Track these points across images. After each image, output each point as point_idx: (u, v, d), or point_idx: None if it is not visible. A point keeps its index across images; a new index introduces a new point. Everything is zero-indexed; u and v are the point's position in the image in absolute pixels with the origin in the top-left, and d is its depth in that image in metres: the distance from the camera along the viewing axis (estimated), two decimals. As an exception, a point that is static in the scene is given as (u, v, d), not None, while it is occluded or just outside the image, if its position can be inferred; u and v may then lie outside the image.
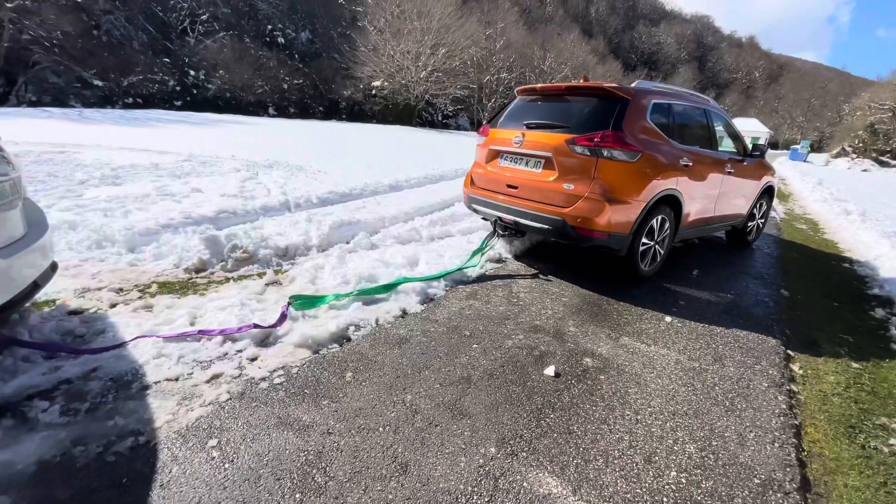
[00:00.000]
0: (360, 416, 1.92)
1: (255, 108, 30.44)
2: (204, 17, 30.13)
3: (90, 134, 11.79)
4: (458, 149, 17.32)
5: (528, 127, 3.92)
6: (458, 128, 42.46)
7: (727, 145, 5.15)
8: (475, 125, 42.44)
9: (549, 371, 2.39)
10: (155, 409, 1.83)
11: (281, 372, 2.16)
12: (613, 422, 2.05)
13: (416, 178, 8.76)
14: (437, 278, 3.51)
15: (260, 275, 3.41)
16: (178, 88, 27.46)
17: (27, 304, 2.48)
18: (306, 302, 2.78)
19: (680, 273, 4.46)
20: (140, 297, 2.93)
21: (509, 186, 3.95)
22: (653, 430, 2.02)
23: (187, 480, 1.53)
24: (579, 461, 1.79)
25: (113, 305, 2.79)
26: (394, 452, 1.73)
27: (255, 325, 2.41)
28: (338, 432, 1.82)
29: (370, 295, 3.04)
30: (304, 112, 33.56)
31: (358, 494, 1.53)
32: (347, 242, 4.33)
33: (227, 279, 3.33)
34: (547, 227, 3.63)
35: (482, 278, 3.80)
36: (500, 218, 4.07)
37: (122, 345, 2.22)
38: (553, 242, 5.19)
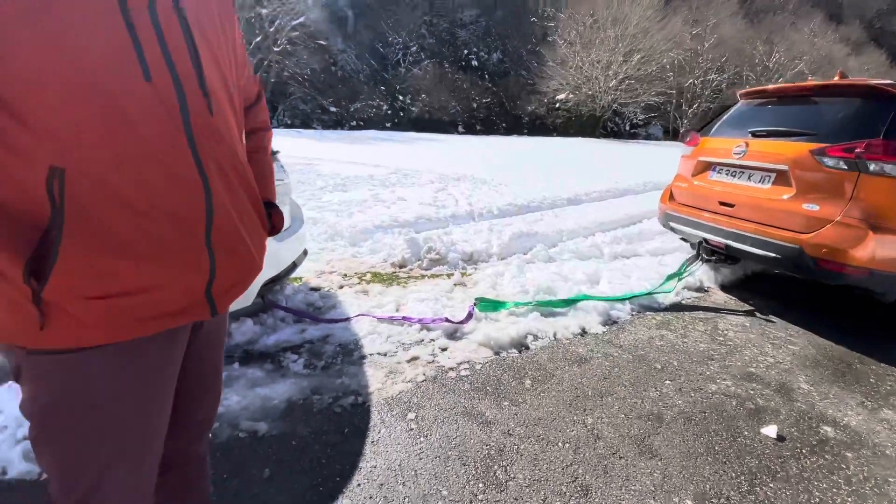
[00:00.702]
0: (540, 426, 1.97)
1: (447, 126, 33.72)
2: (413, 48, 34.87)
3: (327, 150, 14.85)
4: (647, 160, 15.93)
5: (755, 135, 3.39)
6: (649, 137, 38.96)
7: None
8: (670, 134, 38.29)
9: (770, 431, 2.02)
10: (369, 377, 2.23)
11: (466, 366, 2.38)
12: (858, 511, 1.63)
13: (596, 191, 8.42)
14: (621, 300, 3.33)
15: (448, 275, 3.80)
16: (388, 112, 32.42)
17: (286, 279, 3.30)
18: (489, 305, 2.98)
19: (979, 334, 3.23)
20: (359, 283, 3.59)
21: (722, 204, 3.47)
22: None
23: (392, 444, 1.83)
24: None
25: (340, 287, 3.49)
26: (574, 472, 1.73)
27: (447, 320, 2.71)
28: (517, 436, 1.91)
29: (549, 308, 3.08)
30: (489, 128, 35.60)
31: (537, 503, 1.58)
32: (525, 253, 4.45)
33: (423, 276, 3.81)
34: (774, 255, 3.06)
35: (677, 307, 3.44)
36: (705, 240, 3.61)
37: (348, 319, 2.78)
38: (776, 274, 4.35)
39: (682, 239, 4.37)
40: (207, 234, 0.75)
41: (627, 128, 39.85)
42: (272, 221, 0.98)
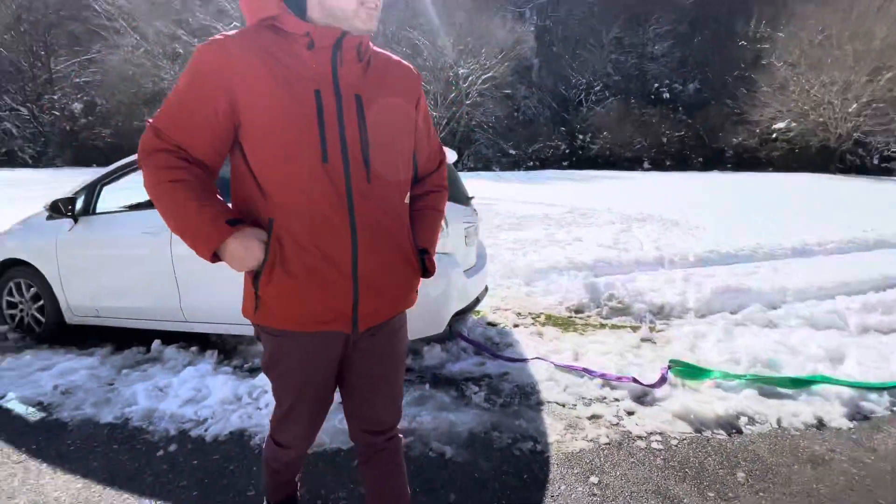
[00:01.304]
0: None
1: (630, 163, 31.72)
2: (597, 87, 34.30)
3: (503, 190, 15.51)
4: (918, 205, 11.93)
5: None
6: (912, 174, 29.26)
7: None
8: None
9: None
10: (548, 426, 2.12)
11: (659, 437, 2.06)
12: None
13: (834, 241, 6.64)
14: (878, 389, 2.48)
15: (633, 328, 3.43)
16: (566, 151, 32.31)
17: (470, 313, 3.45)
18: (687, 371, 2.56)
19: None
20: (533, 324, 3.54)
21: None
22: None
23: (570, 505, 1.68)
24: None
25: (515, 326, 3.49)
26: None
27: (634, 380, 2.42)
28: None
29: (770, 385, 2.48)
30: (682, 164, 32.12)
31: None
32: (734, 313, 3.73)
33: (602, 325, 3.53)
34: None
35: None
36: None
37: (525, 361, 2.74)
38: None
39: None
40: (354, 271, 1.02)
41: (875, 161, 30.74)
42: (425, 266, 1.17)
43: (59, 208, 3.05)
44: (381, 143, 1.01)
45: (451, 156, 3.56)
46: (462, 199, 3.31)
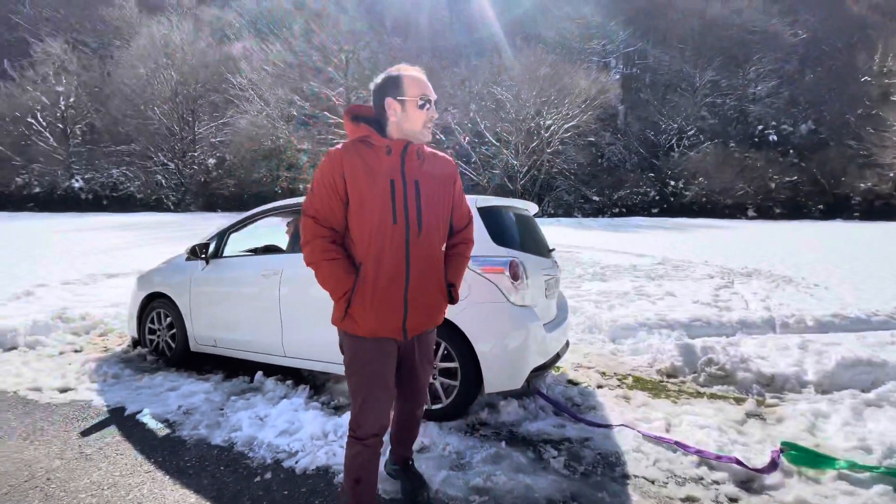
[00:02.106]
0: None
1: (731, 210, 29.15)
2: (690, 132, 32.60)
3: (586, 238, 15.07)
4: None
5: None
6: None
7: None
8: None
9: None
10: (634, 503, 1.97)
11: (769, 533, 1.80)
12: None
13: None
14: None
15: (737, 400, 3.08)
16: (657, 198, 30.64)
17: (550, 369, 3.36)
18: (805, 457, 2.23)
19: None
20: (619, 386, 3.33)
21: None
22: None
23: None
24: None
25: (599, 386, 3.31)
26: None
27: (738, 461, 2.17)
28: None
29: (919, 484, 2.06)
30: (795, 212, 28.77)
31: None
32: (865, 390, 3.19)
33: (700, 393, 3.22)
34: None
35: None
36: None
37: (609, 427, 2.58)
38: None
39: None
40: (405, 295, 1.58)
41: None
42: (452, 294, 1.72)
43: (196, 251, 3.64)
44: (428, 210, 1.60)
45: (532, 207, 3.64)
46: (542, 250, 3.34)
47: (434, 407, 2.69)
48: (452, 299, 1.71)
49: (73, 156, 29.72)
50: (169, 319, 3.79)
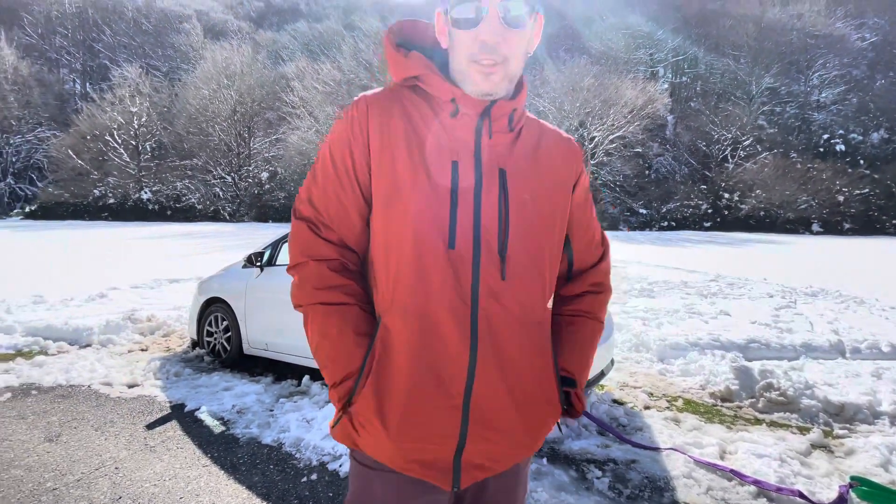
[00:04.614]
0: None
1: (793, 224, 27.27)
2: (746, 142, 30.96)
3: (633, 252, 14.56)
4: None
5: None
6: None
7: None
8: None
9: None
10: (684, 533, 1.87)
11: (839, 576, 1.66)
12: None
13: None
14: None
15: (801, 429, 2.86)
16: (709, 211, 29.21)
17: (593, 387, 3.27)
18: (877, 494, 2.04)
19: None
20: (668, 408, 3.19)
21: None
22: None
23: None
24: None
25: (647, 407, 3.18)
26: None
27: (801, 495, 2.01)
28: None
29: None
30: (868, 227, 26.50)
31: None
32: (956, 425, 2.88)
33: (758, 420, 3.02)
34: None
35: None
36: None
37: (657, 450, 2.47)
38: None
39: None
40: (466, 398, 0.76)
41: None
42: (570, 401, 0.88)
43: (252, 260, 3.87)
44: (525, 229, 0.80)
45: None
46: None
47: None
48: (572, 409, 0.90)
49: (143, 170, 32.29)
50: (225, 323, 4.02)
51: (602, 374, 3.01)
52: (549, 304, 0.88)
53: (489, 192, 0.79)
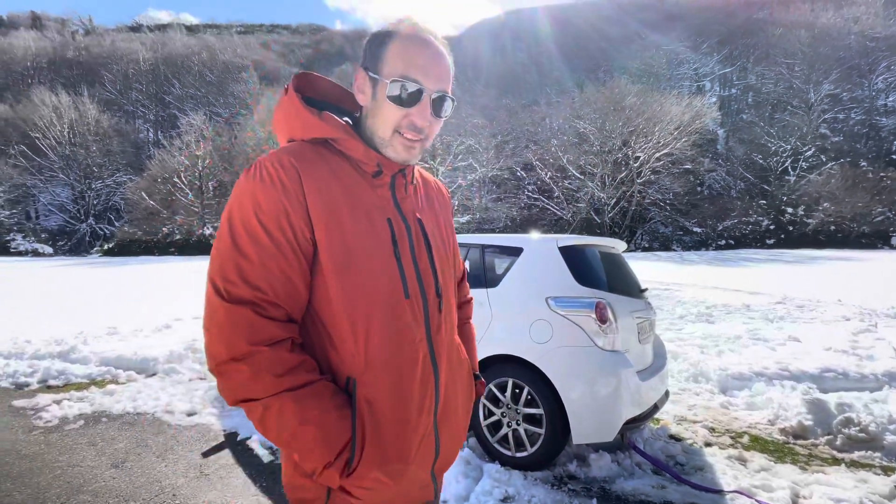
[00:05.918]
0: None
1: (869, 238, 24.96)
2: (808, 152, 29.03)
3: (687, 274, 13.80)
4: None
5: None
6: None
7: None
8: None
9: None
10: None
11: None
12: None
13: None
14: None
15: (886, 470, 2.55)
16: (771, 227, 27.35)
17: (647, 421, 3.09)
18: None
19: None
20: (732, 445, 2.94)
21: None
22: None
23: None
24: None
25: (708, 444, 2.95)
26: None
27: (894, 550, 1.78)
28: None
29: None
30: (957, 239, 23.79)
31: None
32: None
33: (836, 459, 2.72)
34: None
35: None
36: None
37: (720, 492, 2.28)
38: None
39: None
40: (435, 414, 0.88)
41: None
42: (476, 390, 1.06)
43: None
44: (445, 265, 0.94)
45: (620, 245, 3.47)
46: (633, 290, 3.15)
47: (518, 455, 2.60)
48: (478, 396, 1.08)
49: (206, 208, 34.83)
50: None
51: (656, 408, 2.84)
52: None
53: (418, 241, 0.89)
